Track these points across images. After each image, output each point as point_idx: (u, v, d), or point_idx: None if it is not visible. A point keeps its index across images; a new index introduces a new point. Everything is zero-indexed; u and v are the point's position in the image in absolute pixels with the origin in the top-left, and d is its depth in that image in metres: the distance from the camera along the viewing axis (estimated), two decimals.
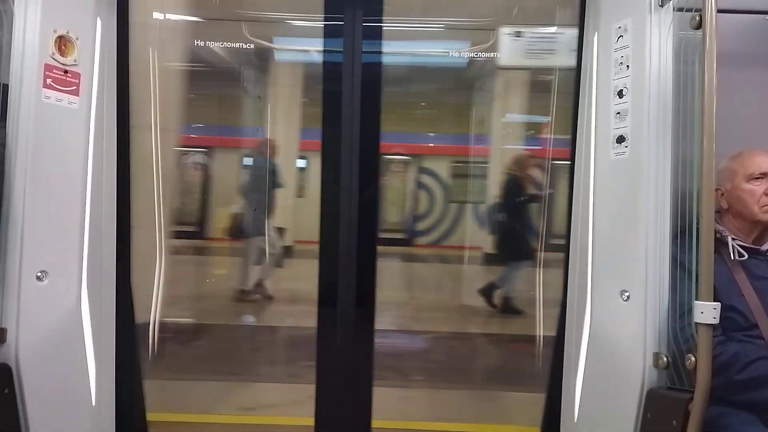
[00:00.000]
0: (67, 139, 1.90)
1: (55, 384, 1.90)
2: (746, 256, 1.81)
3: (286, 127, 7.75)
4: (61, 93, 1.87)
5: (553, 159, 3.08)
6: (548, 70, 2.86)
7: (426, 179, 10.98)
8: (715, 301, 1.57)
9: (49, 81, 1.83)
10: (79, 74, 1.92)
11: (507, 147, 7.59)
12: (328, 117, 2.35)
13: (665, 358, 1.72)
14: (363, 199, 2.32)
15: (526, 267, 5.19)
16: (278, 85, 7.50)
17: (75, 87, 1.91)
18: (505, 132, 7.84)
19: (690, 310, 1.63)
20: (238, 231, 6.25)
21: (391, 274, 6.77)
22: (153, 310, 2.70)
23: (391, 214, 10.40)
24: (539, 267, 3.04)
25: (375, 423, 2.37)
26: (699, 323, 1.57)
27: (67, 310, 1.92)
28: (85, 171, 1.96)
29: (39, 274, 1.82)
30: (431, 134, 10.81)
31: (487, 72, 6.67)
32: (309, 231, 2.70)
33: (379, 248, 2.38)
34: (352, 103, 2.31)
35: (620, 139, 1.86)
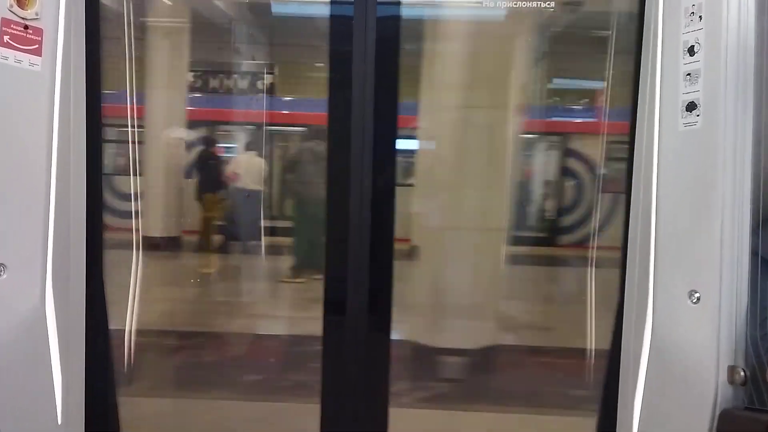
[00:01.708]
0: (28, 106, 1.95)
1: (15, 397, 1.95)
2: None
3: None
4: (21, 52, 1.91)
5: None
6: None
7: None
8: None
9: (6, 38, 1.87)
10: (41, 30, 1.96)
11: None
12: (336, 83, 2.38)
13: (742, 372, 1.72)
14: (377, 183, 2.36)
15: None
16: None
17: (37, 45, 1.96)
18: None
19: None
20: None
21: None
22: (129, 315, 2.76)
23: None
24: (591, 266, 3.04)
25: None
26: None
27: (28, 309, 1.98)
28: (50, 144, 2.01)
29: None
30: None
31: None
32: None
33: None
34: (366, 65, 2.34)
35: (691, 107, 1.87)
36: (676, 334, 1.90)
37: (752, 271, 1.77)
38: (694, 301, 1.83)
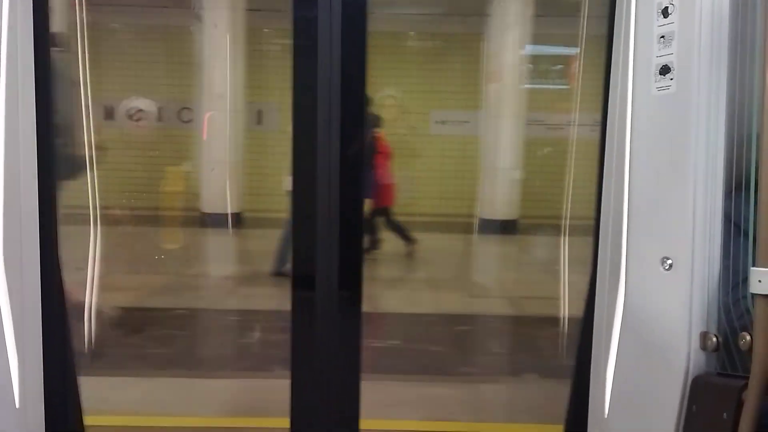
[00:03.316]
0: None
1: None
2: None
3: None
4: None
5: None
6: None
7: None
8: None
9: None
10: None
11: None
12: (301, 51, 2.32)
13: (714, 338, 1.75)
14: (346, 156, 2.32)
15: None
16: None
17: None
18: None
19: (746, 279, 1.66)
20: None
21: None
22: (88, 292, 2.71)
23: None
24: (564, 235, 3.07)
25: (364, 423, 2.43)
26: (757, 294, 1.60)
27: None
28: None
29: None
30: None
31: None
32: None
33: None
34: (331, 34, 2.29)
35: (664, 70, 1.86)
36: (649, 301, 1.93)
37: (725, 237, 1.79)
38: (667, 267, 1.85)
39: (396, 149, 8.28)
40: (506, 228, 9.17)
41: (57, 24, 2.23)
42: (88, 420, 2.40)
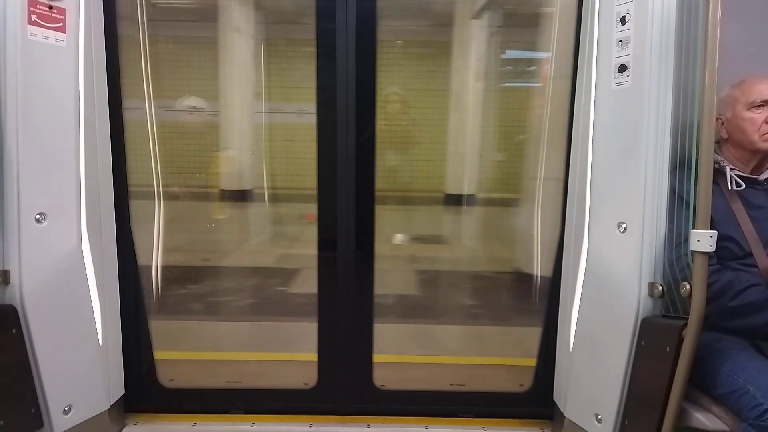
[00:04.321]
0: (56, 77, 1.87)
1: (62, 324, 1.94)
2: (744, 186, 1.81)
3: None
4: (47, 30, 1.82)
5: None
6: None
7: None
8: (711, 230, 1.59)
9: (33, 17, 1.78)
10: (64, 10, 1.86)
11: None
12: (322, 56, 2.30)
13: (660, 287, 1.75)
14: (360, 141, 2.30)
15: None
16: None
17: (61, 23, 1.86)
18: None
19: (687, 240, 1.66)
20: None
21: None
22: (155, 253, 2.72)
23: None
24: (537, 203, 3.02)
25: (376, 357, 2.45)
26: (695, 251, 1.60)
27: (68, 251, 1.94)
28: (77, 110, 1.93)
29: (38, 216, 1.84)
30: None
31: None
32: None
33: None
34: (347, 41, 2.25)
35: (622, 68, 1.83)
36: (607, 258, 1.92)
37: (670, 206, 1.78)
38: (622, 231, 1.84)
39: None
40: None
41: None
42: (157, 354, 2.43)
